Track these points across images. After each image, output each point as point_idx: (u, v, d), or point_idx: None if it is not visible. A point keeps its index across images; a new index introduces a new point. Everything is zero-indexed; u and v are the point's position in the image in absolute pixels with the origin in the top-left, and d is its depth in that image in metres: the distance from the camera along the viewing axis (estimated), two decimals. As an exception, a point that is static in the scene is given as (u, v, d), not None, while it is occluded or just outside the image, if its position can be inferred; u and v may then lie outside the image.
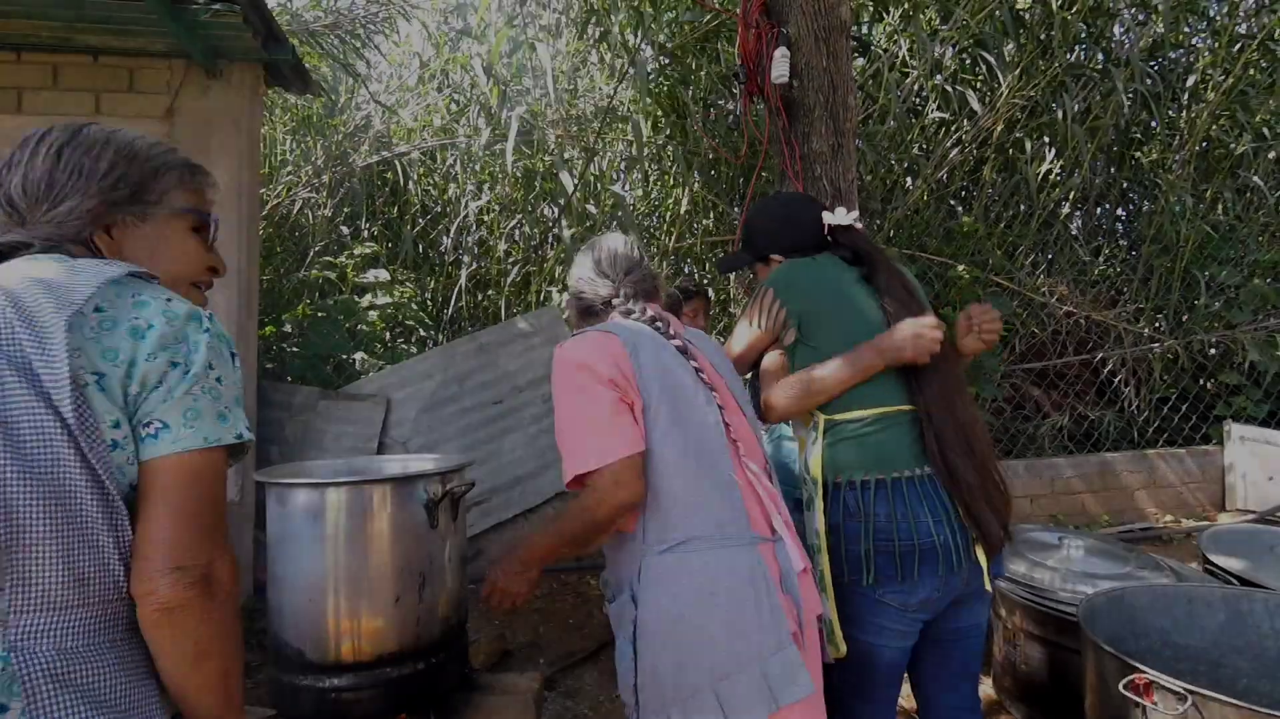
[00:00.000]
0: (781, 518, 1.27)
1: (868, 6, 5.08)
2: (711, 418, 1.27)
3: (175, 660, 0.78)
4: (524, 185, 5.18)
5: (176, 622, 0.77)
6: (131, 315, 0.79)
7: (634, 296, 1.38)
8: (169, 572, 0.76)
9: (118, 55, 3.16)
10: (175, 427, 0.78)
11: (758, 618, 1.14)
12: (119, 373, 0.77)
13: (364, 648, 1.90)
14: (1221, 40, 5.08)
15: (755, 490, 1.26)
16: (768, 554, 1.21)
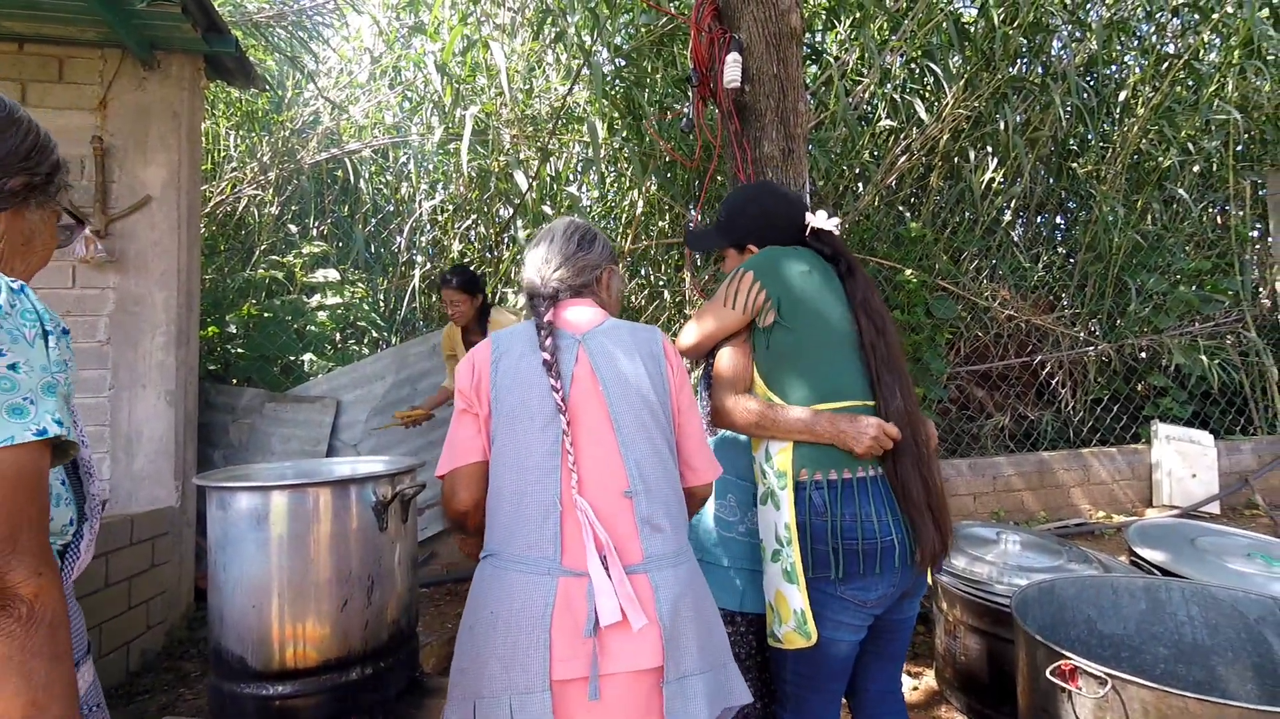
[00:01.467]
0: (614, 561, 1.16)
1: (820, 15, 5.19)
2: (549, 439, 1.22)
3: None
4: (479, 185, 5.13)
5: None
6: None
7: (549, 300, 1.34)
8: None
9: (46, 43, 3.02)
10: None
11: (520, 652, 1.13)
12: None
13: (309, 654, 1.86)
14: (1150, 59, 5.36)
15: (580, 523, 1.18)
16: (570, 589, 1.15)
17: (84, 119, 3.08)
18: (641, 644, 1.15)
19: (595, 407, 1.26)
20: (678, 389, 1.34)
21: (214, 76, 3.47)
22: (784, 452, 1.45)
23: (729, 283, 1.56)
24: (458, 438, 1.30)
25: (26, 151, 0.85)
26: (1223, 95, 5.19)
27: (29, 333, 0.75)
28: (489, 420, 1.28)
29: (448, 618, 3.28)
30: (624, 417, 1.26)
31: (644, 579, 1.19)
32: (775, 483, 1.46)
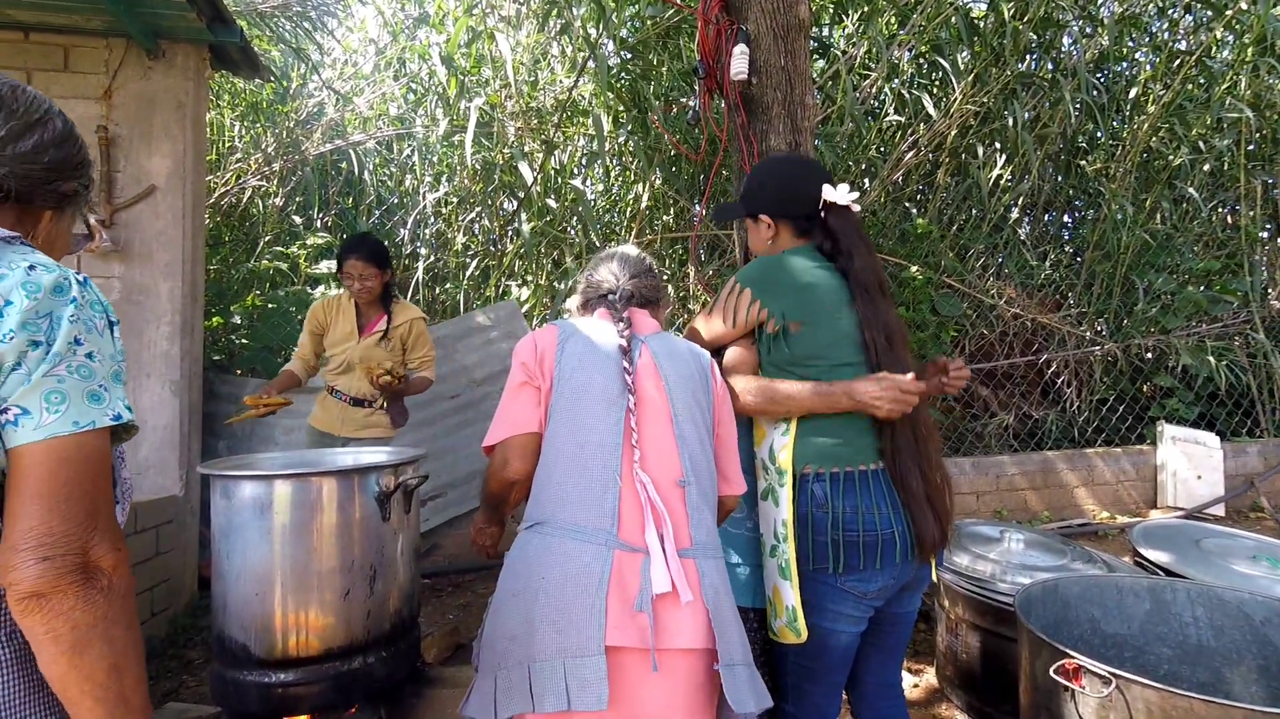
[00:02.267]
0: (669, 537, 1.20)
1: (828, 8, 5.16)
2: (612, 418, 1.28)
3: (51, 653, 0.73)
4: (483, 178, 5.12)
5: (50, 609, 0.72)
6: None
7: (625, 299, 1.46)
8: (37, 561, 0.72)
9: (51, 33, 3.02)
10: (36, 412, 0.74)
11: (574, 617, 1.14)
12: None
13: (311, 642, 1.86)
14: (1162, 56, 5.31)
15: (639, 500, 1.23)
16: (624, 562, 1.18)
17: (89, 108, 3.08)
18: (692, 623, 1.18)
19: (657, 395, 1.33)
20: (720, 401, 1.43)
21: (219, 67, 3.46)
22: (786, 448, 1.44)
23: (726, 296, 1.54)
24: (515, 409, 1.33)
25: (77, 163, 0.90)
26: (1235, 93, 5.14)
27: (99, 323, 0.80)
28: (549, 395, 1.32)
29: (449, 609, 3.28)
30: (680, 410, 1.33)
31: (691, 564, 1.23)
32: (776, 479, 1.45)
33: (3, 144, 0.82)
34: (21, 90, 0.85)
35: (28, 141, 0.84)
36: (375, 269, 2.85)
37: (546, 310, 4.81)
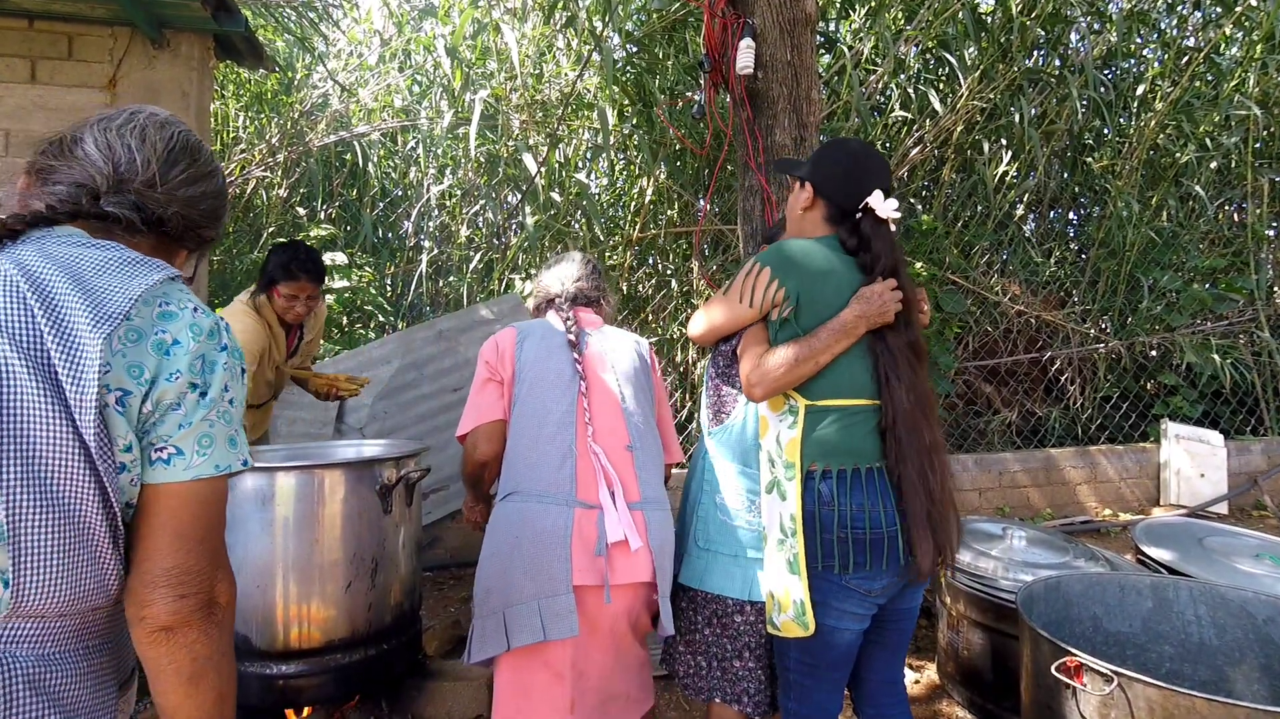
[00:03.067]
0: (620, 494, 1.51)
1: (834, 3, 5.13)
2: (566, 401, 1.55)
3: (172, 681, 0.77)
4: (487, 171, 5.11)
5: (176, 642, 0.76)
6: (158, 329, 0.76)
7: (570, 300, 1.73)
8: (174, 598, 0.75)
9: (56, 20, 3.01)
10: (189, 454, 0.77)
11: (545, 565, 1.43)
12: (140, 392, 0.74)
13: (313, 634, 1.87)
14: (1170, 52, 5.27)
15: (593, 465, 1.52)
16: (582, 518, 1.47)
17: (93, 97, 3.07)
18: (639, 563, 1.51)
19: (604, 378, 1.61)
20: (657, 384, 1.75)
21: (223, 57, 3.45)
22: (794, 442, 1.43)
23: (745, 276, 1.51)
24: (481, 401, 1.60)
25: (221, 215, 0.95)
26: (1243, 90, 5.10)
27: (238, 370, 0.83)
28: (512, 385, 1.58)
29: (451, 602, 3.29)
30: (626, 389, 1.62)
31: (640, 515, 1.54)
32: (783, 473, 1.45)
33: (182, 186, 0.86)
34: (201, 145, 0.90)
35: (198, 188, 0.88)
36: (318, 286, 2.50)
37: (549, 304, 4.80)
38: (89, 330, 0.70)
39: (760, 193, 2.64)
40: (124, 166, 0.82)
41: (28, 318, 0.70)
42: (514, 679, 1.47)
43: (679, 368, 4.70)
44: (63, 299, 0.71)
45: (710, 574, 1.62)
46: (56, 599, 0.72)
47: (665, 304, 4.92)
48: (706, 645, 1.63)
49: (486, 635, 1.46)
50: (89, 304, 0.71)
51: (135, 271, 0.76)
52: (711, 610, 1.62)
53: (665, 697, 2.45)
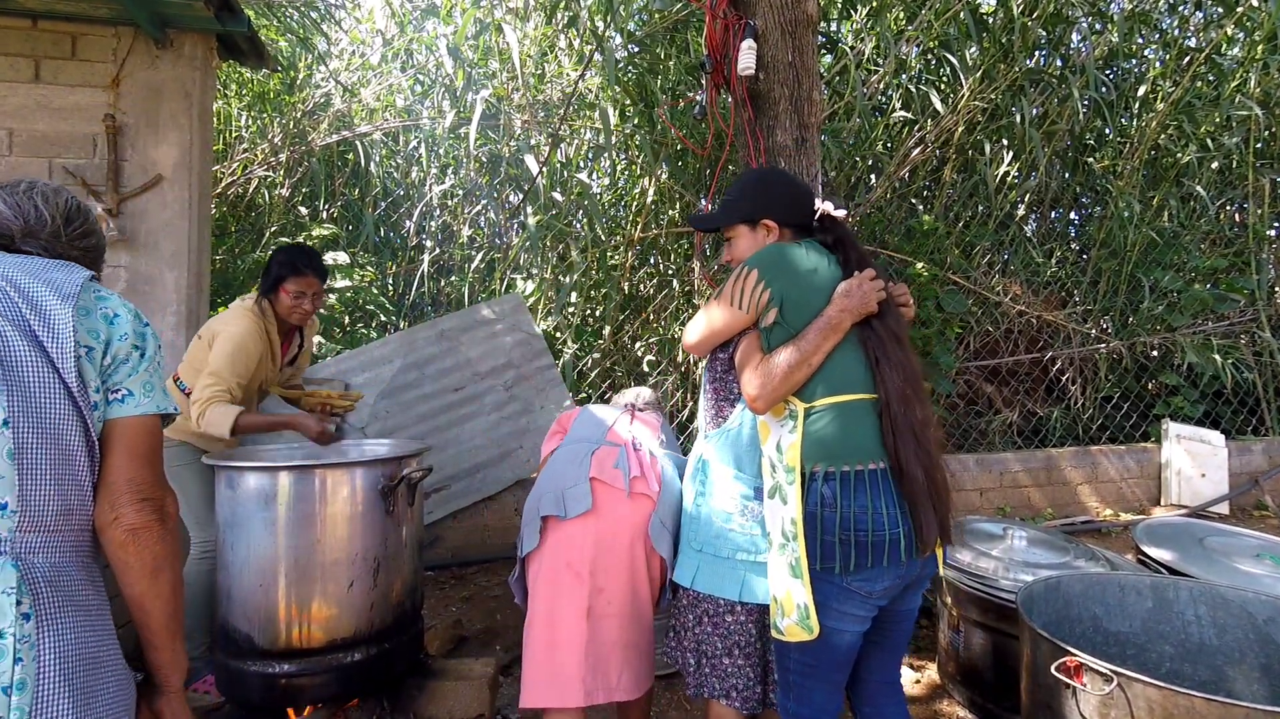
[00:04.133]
0: (641, 448, 1.88)
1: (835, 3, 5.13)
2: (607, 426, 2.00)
3: (138, 574, 1.01)
4: (489, 170, 5.12)
5: (140, 541, 1.00)
6: (100, 306, 1.02)
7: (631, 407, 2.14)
8: (136, 502, 0.99)
9: (59, 20, 3.02)
10: (138, 395, 1.03)
11: (568, 470, 1.80)
12: (99, 348, 1.00)
13: (315, 633, 1.88)
14: (1172, 53, 5.27)
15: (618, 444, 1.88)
16: (604, 452, 1.83)
17: (97, 96, 3.08)
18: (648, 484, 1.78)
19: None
20: None
21: (226, 56, 3.46)
22: (794, 446, 1.44)
23: (734, 281, 1.53)
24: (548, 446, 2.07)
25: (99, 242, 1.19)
26: (1244, 90, 5.10)
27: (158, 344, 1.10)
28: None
29: (452, 601, 3.30)
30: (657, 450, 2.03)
31: (654, 459, 1.87)
32: (784, 477, 1.45)
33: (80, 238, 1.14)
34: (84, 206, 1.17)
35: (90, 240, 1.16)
36: (322, 282, 2.50)
37: (551, 304, 4.81)
38: (58, 304, 0.96)
39: (761, 193, 2.64)
40: (33, 221, 1.08)
41: (8, 300, 0.94)
42: (542, 576, 1.72)
43: (680, 367, 4.71)
44: (30, 286, 0.96)
45: (701, 575, 1.64)
46: (52, 512, 0.93)
47: (667, 304, 4.92)
48: (698, 643, 1.65)
49: (524, 536, 1.77)
50: (50, 288, 0.97)
51: (70, 269, 1.03)
52: (703, 609, 1.65)
53: (667, 696, 2.46)
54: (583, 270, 4.62)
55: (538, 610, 1.73)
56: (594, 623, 1.69)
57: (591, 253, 4.68)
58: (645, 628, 1.76)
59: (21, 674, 0.87)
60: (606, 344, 4.81)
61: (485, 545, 3.83)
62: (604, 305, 4.90)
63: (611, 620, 1.70)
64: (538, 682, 1.68)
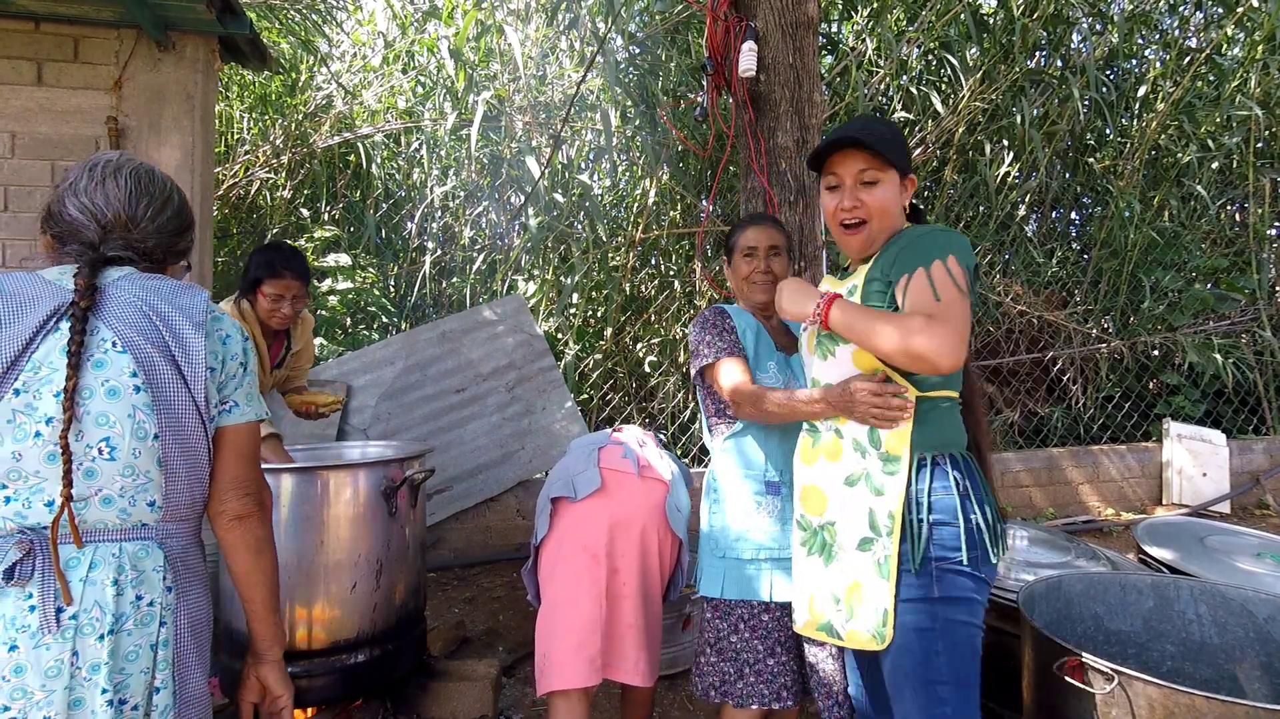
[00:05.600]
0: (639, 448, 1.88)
1: (836, 4, 5.13)
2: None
3: (244, 554, 1.17)
4: (490, 172, 5.13)
5: (245, 526, 1.16)
6: (216, 329, 1.16)
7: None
8: (241, 495, 1.16)
9: (62, 23, 3.03)
10: (243, 405, 1.18)
11: (578, 463, 1.82)
12: (218, 368, 1.14)
13: (318, 635, 1.88)
14: (1172, 53, 5.27)
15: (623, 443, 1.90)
16: (610, 447, 1.85)
17: (99, 99, 3.09)
18: (656, 470, 1.81)
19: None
20: None
21: (228, 58, 3.47)
22: (901, 434, 1.32)
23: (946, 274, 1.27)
24: None
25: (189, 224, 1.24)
26: (1245, 90, 5.10)
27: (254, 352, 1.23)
28: None
29: (455, 603, 3.30)
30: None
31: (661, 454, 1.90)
32: (878, 466, 1.33)
33: (151, 220, 1.17)
34: (153, 173, 1.19)
35: (163, 215, 1.18)
36: (304, 285, 2.37)
37: (552, 305, 4.82)
38: (193, 333, 1.10)
39: (763, 195, 2.65)
40: (106, 221, 1.13)
41: (153, 328, 1.08)
42: (559, 561, 1.74)
43: (681, 369, 4.71)
44: (168, 313, 1.10)
45: (729, 582, 1.64)
46: (185, 504, 1.12)
47: (668, 305, 4.93)
48: (736, 652, 1.62)
49: (536, 526, 1.81)
50: (184, 315, 1.11)
51: (192, 293, 1.14)
52: (738, 616, 1.63)
53: (669, 696, 2.46)
54: (584, 271, 4.63)
55: (554, 594, 1.73)
56: (611, 603, 1.70)
57: (593, 254, 4.69)
58: (656, 615, 1.77)
59: (166, 634, 1.08)
60: (608, 345, 4.82)
61: (488, 546, 3.83)
62: (605, 306, 4.90)
63: (628, 602, 1.71)
64: (556, 665, 1.67)
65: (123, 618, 1.04)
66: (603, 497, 1.74)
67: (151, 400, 1.06)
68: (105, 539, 1.06)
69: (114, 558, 1.05)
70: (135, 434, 1.05)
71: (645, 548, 1.74)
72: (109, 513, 1.06)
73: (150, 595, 1.06)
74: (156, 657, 1.06)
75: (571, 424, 3.95)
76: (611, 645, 1.69)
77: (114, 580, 1.04)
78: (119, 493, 1.06)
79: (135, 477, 1.06)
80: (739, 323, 1.73)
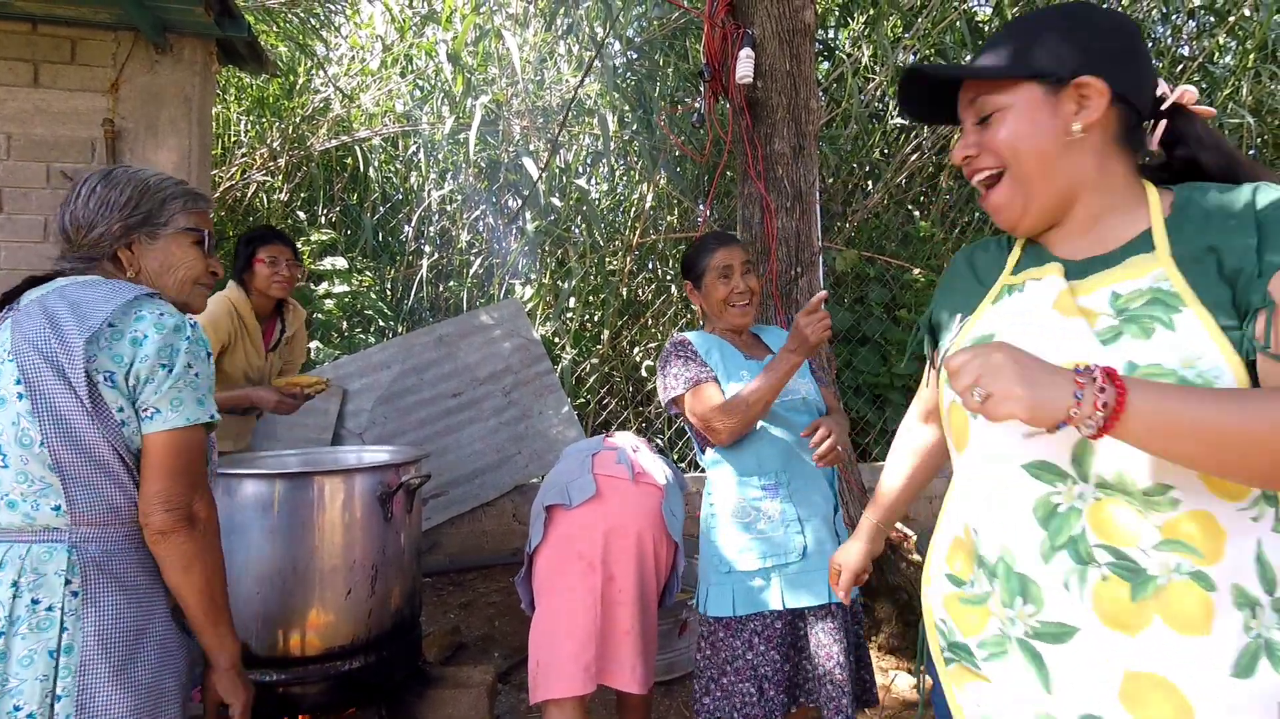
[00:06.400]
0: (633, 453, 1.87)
1: (833, 11, 5.16)
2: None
3: (170, 568, 1.15)
4: (488, 176, 5.13)
5: (169, 542, 1.13)
6: (132, 328, 1.11)
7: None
8: (162, 511, 1.12)
9: (59, 24, 3.02)
10: (164, 411, 1.12)
11: (571, 469, 1.82)
12: (123, 372, 1.10)
13: (312, 641, 1.87)
14: (1165, 61, 5.31)
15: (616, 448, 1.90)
16: (604, 452, 1.86)
17: (95, 101, 3.09)
18: (651, 475, 1.82)
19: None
20: None
21: (226, 61, 3.47)
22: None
23: None
24: None
25: (122, 203, 1.20)
26: (1236, 99, 5.14)
27: (203, 354, 1.18)
28: None
29: (450, 608, 3.29)
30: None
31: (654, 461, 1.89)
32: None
33: (88, 211, 1.19)
34: (114, 170, 1.22)
35: (101, 195, 1.20)
36: (294, 253, 2.55)
37: (549, 309, 4.82)
38: (76, 336, 1.07)
39: (759, 200, 2.65)
40: (69, 230, 1.20)
41: (42, 333, 1.08)
42: (554, 568, 1.74)
43: (678, 373, 4.71)
44: (62, 318, 1.09)
45: (739, 597, 1.59)
46: (99, 509, 1.10)
47: (665, 310, 4.93)
48: (754, 667, 1.56)
49: (531, 534, 1.81)
50: (76, 319, 1.08)
51: (116, 294, 1.13)
52: (751, 629, 1.58)
53: (665, 702, 2.46)
54: (581, 276, 4.63)
55: (549, 602, 1.73)
56: (606, 609, 1.69)
57: (590, 258, 4.69)
58: (652, 622, 1.76)
59: (69, 640, 1.05)
60: (605, 349, 4.82)
61: (484, 551, 3.82)
62: (602, 311, 4.91)
63: (624, 608, 1.70)
64: (551, 673, 1.66)
65: (17, 620, 1.04)
66: (597, 503, 1.74)
67: (32, 408, 1.07)
68: (14, 540, 1.08)
69: (20, 559, 1.06)
70: (19, 441, 1.07)
71: (641, 553, 1.73)
72: (14, 515, 1.08)
73: (48, 600, 1.05)
74: (58, 663, 1.04)
75: (568, 429, 3.95)
76: (607, 652, 1.68)
77: (13, 582, 1.04)
78: (20, 497, 1.08)
79: (30, 482, 1.08)
80: (702, 348, 1.74)
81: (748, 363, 1.73)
